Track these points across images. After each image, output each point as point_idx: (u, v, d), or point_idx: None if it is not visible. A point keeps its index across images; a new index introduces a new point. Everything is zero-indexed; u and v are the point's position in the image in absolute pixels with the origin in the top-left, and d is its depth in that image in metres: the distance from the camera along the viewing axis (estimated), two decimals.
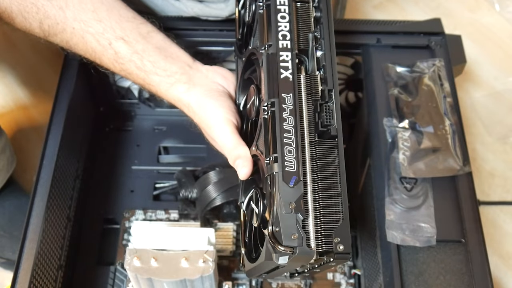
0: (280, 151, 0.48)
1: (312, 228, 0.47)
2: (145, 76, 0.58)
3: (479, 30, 1.11)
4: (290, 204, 0.46)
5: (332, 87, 0.51)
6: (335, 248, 0.46)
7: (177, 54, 0.59)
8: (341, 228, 0.47)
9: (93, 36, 0.57)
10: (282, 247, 0.45)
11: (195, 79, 0.57)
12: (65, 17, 0.57)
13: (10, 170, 0.82)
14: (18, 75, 1.02)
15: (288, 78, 0.51)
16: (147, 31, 0.59)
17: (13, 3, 0.55)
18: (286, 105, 0.50)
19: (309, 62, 0.53)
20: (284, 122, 0.49)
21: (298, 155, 0.48)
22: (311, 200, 0.48)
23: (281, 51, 0.52)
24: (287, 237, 0.45)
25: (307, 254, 0.45)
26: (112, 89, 0.84)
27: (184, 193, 0.75)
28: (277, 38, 0.52)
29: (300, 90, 0.52)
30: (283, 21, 0.53)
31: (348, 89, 0.84)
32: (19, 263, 0.61)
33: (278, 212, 0.46)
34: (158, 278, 0.62)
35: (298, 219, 0.46)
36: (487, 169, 0.95)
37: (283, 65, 0.51)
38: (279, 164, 0.47)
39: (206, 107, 0.55)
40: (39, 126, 0.96)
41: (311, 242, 0.46)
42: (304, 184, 0.48)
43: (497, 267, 0.86)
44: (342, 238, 0.46)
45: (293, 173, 0.47)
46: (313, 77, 0.52)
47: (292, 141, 0.48)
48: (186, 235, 0.65)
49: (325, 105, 0.50)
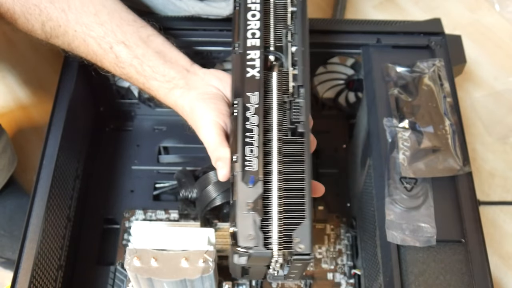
0: (240, 151, 0.47)
1: (275, 228, 0.46)
2: (145, 81, 0.58)
3: (479, 30, 1.11)
4: (248, 204, 0.45)
5: (302, 83, 0.50)
6: (294, 249, 0.45)
7: (176, 58, 0.59)
8: (303, 228, 0.45)
9: (95, 40, 0.58)
10: (239, 248, 0.44)
11: (191, 83, 0.57)
12: (67, 20, 0.57)
13: (11, 170, 0.82)
14: (18, 75, 1.02)
15: (254, 77, 0.50)
16: (147, 34, 0.59)
17: (16, 4, 0.55)
18: (251, 104, 0.49)
19: (285, 59, 0.52)
20: (247, 121, 0.48)
21: (259, 154, 0.47)
22: (276, 199, 0.47)
23: (249, 49, 0.51)
24: (244, 238, 0.45)
25: (263, 255, 0.45)
26: (112, 89, 0.84)
27: (184, 193, 0.75)
28: (245, 37, 0.52)
29: (271, 87, 0.51)
30: (253, 19, 0.53)
31: (348, 89, 0.84)
32: (19, 263, 0.61)
33: (237, 212, 0.46)
34: (158, 278, 0.62)
35: (256, 219, 0.45)
36: (487, 169, 0.95)
37: (250, 64, 0.51)
38: (239, 164, 0.47)
39: (196, 110, 0.55)
40: (39, 126, 0.96)
41: (272, 241, 0.45)
42: (268, 184, 0.47)
43: (497, 267, 0.86)
44: (302, 238, 0.45)
45: (252, 173, 0.46)
46: (284, 74, 0.51)
47: (255, 140, 0.48)
48: (186, 235, 0.65)
49: (294, 102, 0.50)
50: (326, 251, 0.77)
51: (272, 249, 0.45)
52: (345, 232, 0.79)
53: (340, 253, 0.77)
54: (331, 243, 0.78)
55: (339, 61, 0.81)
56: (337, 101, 0.86)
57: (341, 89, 0.84)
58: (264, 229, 0.46)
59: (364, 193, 0.72)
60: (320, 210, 0.80)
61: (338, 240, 0.78)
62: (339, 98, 0.85)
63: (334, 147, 0.87)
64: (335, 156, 0.87)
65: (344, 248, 0.77)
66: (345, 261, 0.76)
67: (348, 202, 0.82)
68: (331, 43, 0.76)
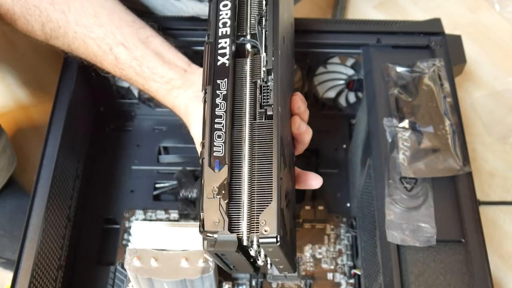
0: (208, 137, 0.47)
1: (245, 212, 0.45)
2: (144, 82, 0.59)
3: (479, 30, 1.11)
4: (213, 188, 0.45)
5: (271, 66, 0.50)
6: (260, 231, 0.44)
7: (174, 59, 0.59)
8: (269, 210, 0.45)
9: (95, 41, 0.58)
10: (205, 233, 0.44)
11: (188, 82, 0.58)
12: (67, 21, 0.57)
13: (10, 170, 0.82)
14: (18, 75, 1.02)
15: (224, 64, 0.50)
16: (146, 36, 0.59)
17: (15, 5, 0.55)
18: (220, 90, 0.49)
19: (259, 45, 0.52)
20: (216, 108, 0.48)
21: (226, 139, 0.47)
22: (246, 183, 0.46)
23: (220, 38, 0.52)
24: (209, 223, 0.44)
25: (228, 238, 0.44)
26: (112, 89, 0.84)
27: (184, 193, 0.75)
28: (217, 27, 0.52)
29: (244, 74, 0.51)
30: (224, 9, 0.53)
31: (348, 89, 0.84)
32: (19, 263, 0.61)
33: (203, 197, 0.45)
34: (158, 278, 0.62)
35: (222, 203, 0.45)
36: (487, 169, 0.95)
37: (221, 52, 0.51)
38: (206, 150, 0.47)
39: (189, 107, 0.56)
40: (39, 126, 0.96)
41: (241, 226, 0.45)
42: (237, 168, 0.47)
43: (497, 267, 0.86)
44: (268, 221, 0.44)
45: (219, 158, 0.46)
46: (256, 59, 0.51)
47: (223, 125, 0.48)
48: (186, 235, 0.65)
49: (264, 85, 0.50)
50: (326, 251, 0.77)
51: (239, 233, 0.45)
52: (345, 232, 0.79)
53: (340, 253, 0.77)
54: (331, 243, 0.78)
55: (339, 61, 0.81)
56: (337, 101, 0.86)
57: (341, 89, 0.84)
58: (232, 214, 0.45)
59: (364, 193, 0.72)
60: (320, 210, 0.80)
61: (338, 240, 0.78)
62: (339, 98, 0.85)
63: (334, 147, 0.87)
64: (335, 156, 0.87)
65: (344, 248, 0.77)
66: (345, 261, 0.76)
67: (348, 202, 0.82)
68: (331, 43, 0.76)
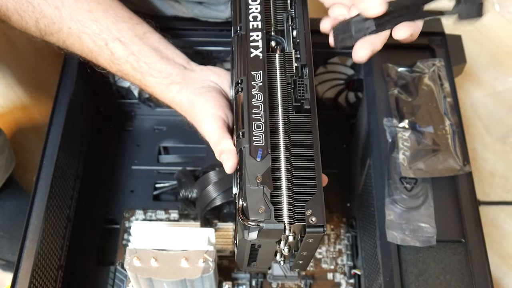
0: (247, 126, 0.48)
1: (285, 202, 0.46)
2: (141, 77, 0.58)
3: (479, 30, 1.11)
4: (257, 177, 0.45)
5: (305, 62, 0.51)
6: (307, 221, 0.44)
7: (173, 55, 0.59)
8: (314, 200, 0.45)
9: (90, 37, 0.57)
10: (249, 222, 0.44)
11: (189, 79, 0.57)
12: (61, 17, 0.57)
13: (9, 170, 0.82)
14: (18, 75, 1.02)
15: (258, 56, 0.51)
16: (143, 31, 0.59)
17: (9, 1, 0.55)
18: (256, 82, 0.50)
19: (286, 43, 0.53)
20: (253, 99, 0.49)
21: (266, 130, 0.47)
22: (284, 173, 0.47)
23: (252, 31, 0.52)
24: (254, 211, 0.44)
25: (275, 227, 0.44)
26: (112, 89, 0.83)
27: (184, 193, 0.75)
28: (248, 20, 0.53)
29: (274, 67, 0.52)
30: (254, 3, 0.54)
31: (348, 89, 0.84)
32: (19, 263, 0.61)
33: (246, 186, 0.45)
34: (158, 278, 0.62)
35: (266, 192, 0.45)
36: (487, 169, 0.95)
37: (253, 45, 0.52)
38: (246, 139, 0.47)
39: (194, 104, 0.55)
40: (39, 126, 0.96)
41: (283, 215, 0.45)
42: (276, 158, 0.47)
43: (497, 267, 0.86)
44: (315, 211, 0.45)
45: (260, 147, 0.47)
46: (287, 55, 0.52)
47: (261, 116, 0.48)
48: (186, 235, 0.65)
49: (299, 80, 0.50)
50: (326, 251, 0.77)
51: (284, 221, 0.45)
52: (345, 232, 0.79)
53: (340, 253, 0.77)
54: (331, 243, 0.78)
55: (339, 61, 0.81)
56: (337, 101, 0.86)
57: (341, 89, 0.84)
58: (274, 203, 0.45)
59: (364, 193, 0.72)
60: None
61: (338, 240, 0.78)
62: (339, 98, 0.85)
63: (334, 147, 0.87)
64: (335, 156, 0.87)
65: (344, 248, 0.77)
66: (345, 261, 0.76)
67: (348, 202, 0.82)
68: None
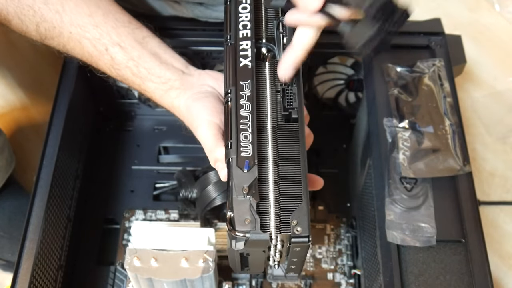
0: (235, 137, 0.48)
1: (272, 212, 0.46)
2: (141, 83, 0.58)
3: (479, 30, 1.11)
4: (244, 188, 0.46)
5: None
6: (292, 231, 0.45)
7: (172, 59, 0.59)
8: (300, 210, 0.46)
9: (90, 41, 0.57)
10: (236, 233, 0.44)
11: (187, 84, 0.58)
12: (61, 21, 0.57)
13: (9, 171, 0.82)
14: (18, 75, 1.02)
15: (247, 66, 0.51)
16: (142, 36, 0.59)
17: (9, 5, 0.55)
18: (244, 92, 0.50)
19: (277, 50, 0.53)
20: (241, 109, 0.49)
21: (253, 140, 0.48)
22: (272, 183, 0.47)
23: (241, 40, 0.52)
24: (240, 222, 0.45)
25: (260, 237, 0.45)
26: (112, 89, 0.84)
27: (184, 193, 0.75)
28: (237, 29, 0.53)
29: (264, 76, 0.52)
30: (244, 11, 0.54)
31: (348, 89, 0.84)
32: (19, 263, 0.61)
33: (233, 197, 0.46)
34: (158, 278, 0.62)
35: (252, 203, 0.45)
36: (487, 169, 0.95)
37: (242, 54, 0.52)
38: (233, 150, 0.47)
39: (192, 109, 0.56)
40: (39, 126, 0.96)
41: (270, 225, 0.46)
42: (263, 168, 0.47)
43: (497, 267, 0.86)
44: (300, 221, 0.45)
45: (247, 158, 0.47)
46: (277, 63, 0.52)
47: (249, 126, 0.48)
48: (186, 235, 0.65)
49: (287, 89, 0.50)
50: (326, 251, 0.77)
51: (270, 232, 0.45)
52: (345, 232, 0.79)
53: (340, 253, 0.77)
54: (331, 243, 0.78)
55: (339, 61, 0.81)
56: (337, 101, 0.86)
57: (341, 89, 0.84)
58: (261, 213, 0.46)
59: (364, 193, 0.72)
60: (320, 210, 0.80)
61: (338, 240, 0.78)
62: (339, 98, 0.85)
63: (334, 147, 0.87)
64: (335, 156, 0.87)
65: (344, 248, 0.77)
66: (345, 261, 0.76)
67: (348, 202, 0.82)
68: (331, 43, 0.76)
